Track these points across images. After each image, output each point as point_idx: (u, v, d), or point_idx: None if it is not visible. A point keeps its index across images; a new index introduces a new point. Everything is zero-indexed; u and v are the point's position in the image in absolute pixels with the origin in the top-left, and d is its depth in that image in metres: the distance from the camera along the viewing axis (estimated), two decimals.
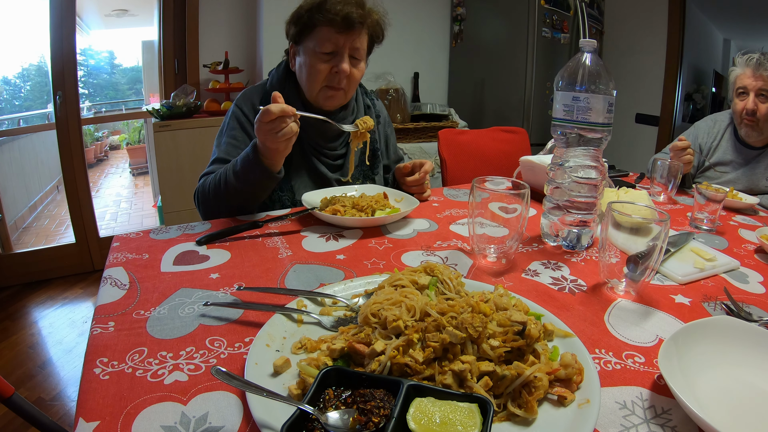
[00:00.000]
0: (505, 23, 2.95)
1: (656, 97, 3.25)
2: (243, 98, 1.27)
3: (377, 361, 0.52)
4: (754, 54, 1.52)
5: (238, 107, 1.25)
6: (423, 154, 2.79)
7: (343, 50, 1.16)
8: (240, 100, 1.26)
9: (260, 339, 0.58)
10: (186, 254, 0.90)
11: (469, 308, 0.57)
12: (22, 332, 2.24)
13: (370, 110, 1.39)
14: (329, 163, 1.30)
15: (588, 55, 0.88)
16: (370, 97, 1.44)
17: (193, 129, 2.63)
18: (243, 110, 1.24)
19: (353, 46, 1.17)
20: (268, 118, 0.95)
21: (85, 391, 0.52)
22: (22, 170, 3.64)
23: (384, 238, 1.00)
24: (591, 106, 0.87)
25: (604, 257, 0.77)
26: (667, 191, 1.39)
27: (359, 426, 0.44)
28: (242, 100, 1.26)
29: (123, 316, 0.68)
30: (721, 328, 0.62)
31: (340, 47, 1.15)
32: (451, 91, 3.55)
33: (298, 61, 1.22)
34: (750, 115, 1.53)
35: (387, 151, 1.47)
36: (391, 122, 1.50)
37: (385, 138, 1.46)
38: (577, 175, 0.92)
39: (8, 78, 3.62)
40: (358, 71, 1.21)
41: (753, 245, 1.06)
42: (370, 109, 1.40)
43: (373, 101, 1.44)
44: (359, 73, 1.22)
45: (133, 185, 5.17)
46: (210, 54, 2.93)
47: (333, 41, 1.14)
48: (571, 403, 0.50)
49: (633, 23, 3.32)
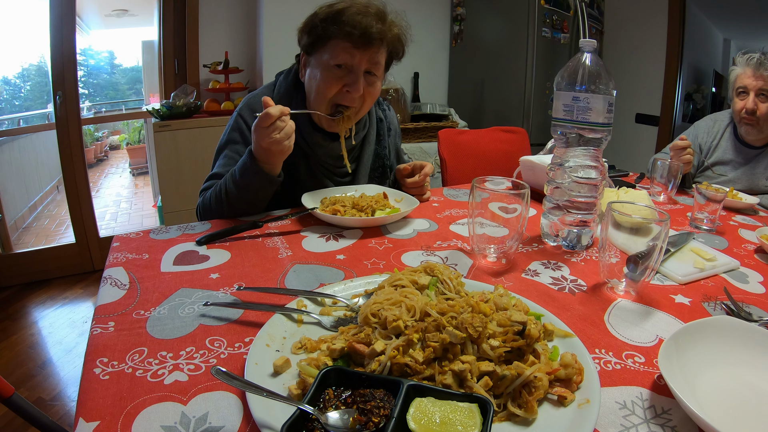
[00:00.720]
0: (505, 23, 2.95)
1: (656, 97, 3.25)
2: (246, 108, 1.18)
3: (377, 361, 0.52)
4: (754, 54, 1.52)
5: (242, 117, 1.17)
6: (423, 154, 2.79)
7: (359, 68, 1.06)
8: (244, 110, 1.18)
9: (260, 339, 0.58)
10: (186, 254, 0.90)
11: (469, 308, 0.57)
12: (22, 332, 2.24)
13: (382, 123, 1.31)
14: (338, 180, 1.26)
15: (588, 55, 0.88)
16: (383, 108, 1.35)
17: (193, 129, 2.63)
18: (247, 123, 1.16)
19: (371, 62, 1.07)
20: (269, 121, 0.94)
21: (85, 391, 0.52)
22: (22, 170, 3.64)
23: (384, 238, 1.00)
24: (591, 106, 0.87)
25: (604, 257, 0.77)
26: (667, 191, 1.39)
27: (359, 426, 0.44)
28: (246, 111, 1.17)
29: (123, 316, 0.68)
30: (721, 328, 0.62)
31: (356, 64, 1.06)
32: (451, 91, 3.55)
33: (308, 72, 1.13)
34: (750, 115, 1.53)
35: (397, 161, 1.43)
36: (400, 132, 1.45)
37: (396, 149, 1.41)
38: (577, 175, 0.92)
39: (8, 78, 3.62)
40: (374, 90, 1.11)
41: (753, 245, 1.06)
42: (382, 122, 1.31)
43: (386, 112, 1.35)
44: (375, 92, 1.12)
45: (133, 185, 5.17)
46: (210, 54, 2.93)
47: (348, 56, 1.04)
48: (571, 403, 0.50)
49: (633, 23, 3.32)
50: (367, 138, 1.27)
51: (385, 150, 1.31)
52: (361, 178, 1.28)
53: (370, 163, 1.29)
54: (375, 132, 1.29)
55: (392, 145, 1.38)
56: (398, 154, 1.45)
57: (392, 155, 1.38)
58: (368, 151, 1.27)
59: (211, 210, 1.11)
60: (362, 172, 1.28)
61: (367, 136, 1.27)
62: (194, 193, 1.22)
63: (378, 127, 1.30)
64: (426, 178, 1.27)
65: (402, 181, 1.30)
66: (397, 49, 1.14)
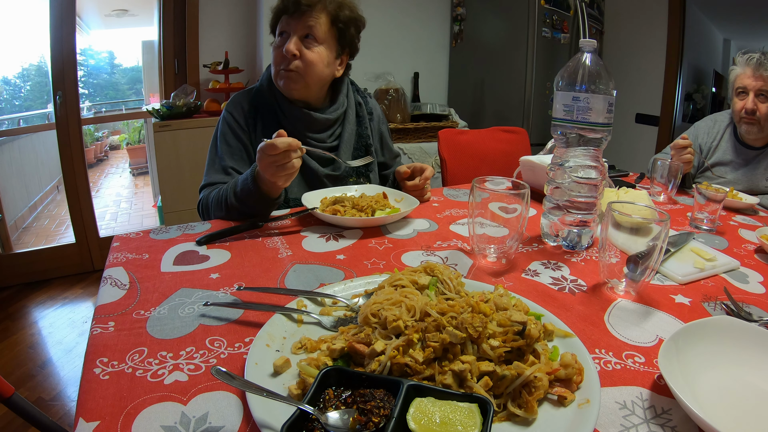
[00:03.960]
0: (505, 23, 2.95)
1: (656, 97, 3.25)
2: (232, 104, 1.26)
3: (377, 361, 0.52)
4: (754, 54, 1.52)
5: (229, 113, 1.25)
6: (423, 154, 2.79)
7: (294, 32, 1.16)
8: (230, 105, 1.26)
9: (260, 339, 0.58)
10: (186, 254, 0.90)
11: (469, 308, 0.57)
12: (22, 332, 2.24)
13: (361, 107, 1.37)
14: (319, 156, 1.27)
15: (588, 55, 0.88)
16: (362, 95, 1.41)
17: (193, 129, 2.63)
18: (233, 115, 1.24)
19: (305, 26, 1.16)
20: (274, 151, 0.94)
21: (85, 391, 0.52)
22: (22, 170, 3.64)
23: (384, 238, 1.00)
24: (591, 106, 0.87)
25: (604, 257, 0.77)
26: (667, 191, 1.39)
27: (359, 426, 0.44)
28: (232, 106, 1.26)
29: (123, 316, 0.68)
30: (721, 328, 0.62)
31: (291, 29, 1.16)
32: (451, 91, 3.55)
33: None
34: (750, 115, 1.53)
35: (382, 149, 1.46)
36: (385, 120, 1.49)
37: (380, 135, 1.45)
38: (577, 175, 0.92)
39: (8, 78, 3.62)
40: (313, 53, 1.17)
41: (753, 245, 1.06)
42: (361, 106, 1.37)
43: (366, 99, 1.42)
44: (314, 56, 1.17)
45: (133, 185, 5.17)
46: (210, 54, 2.93)
47: (285, 24, 1.17)
48: (571, 403, 0.50)
49: (633, 23, 3.32)
50: (346, 117, 1.32)
51: (366, 131, 1.35)
52: (343, 154, 1.30)
53: (353, 142, 1.33)
54: (354, 113, 1.34)
55: (376, 130, 1.42)
56: (383, 139, 1.47)
57: (376, 139, 1.43)
58: (348, 129, 1.31)
59: (209, 211, 1.15)
60: (344, 149, 1.30)
61: (347, 116, 1.32)
62: (194, 193, 1.23)
63: (357, 110, 1.36)
64: (426, 182, 1.28)
65: (402, 183, 1.32)
66: (340, 15, 1.19)
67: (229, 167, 1.21)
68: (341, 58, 1.26)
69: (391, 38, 3.22)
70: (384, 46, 3.19)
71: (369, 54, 3.12)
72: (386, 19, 3.16)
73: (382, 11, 3.13)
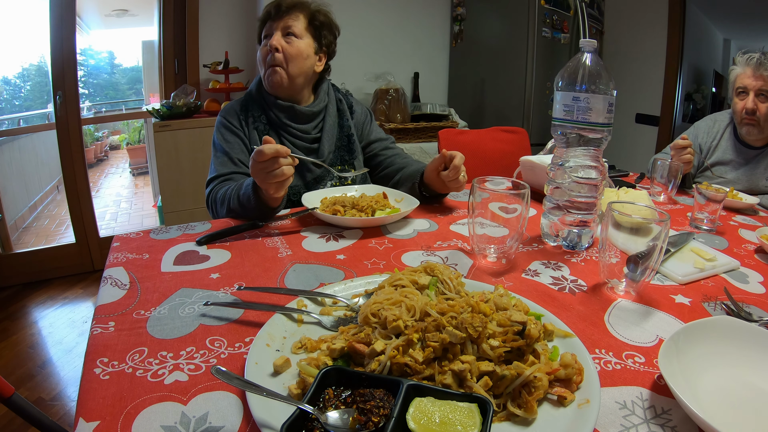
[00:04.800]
0: (505, 23, 2.95)
1: (656, 97, 3.25)
2: (224, 110, 1.36)
3: (377, 360, 0.52)
4: (754, 54, 1.52)
5: (222, 117, 1.34)
6: (423, 154, 2.79)
7: (276, 31, 1.28)
8: (222, 111, 1.36)
9: (260, 339, 0.58)
10: (186, 254, 0.90)
11: (469, 308, 0.57)
12: (22, 332, 2.24)
13: (342, 103, 1.46)
14: (303, 146, 1.35)
15: (588, 55, 0.88)
16: (342, 94, 1.50)
17: (193, 129, 2.63)
18: (227, 118, 1.33)
19: (285, 25, 1.28)
20: (262, 158, 0.94)
21: (85, 391, 0.52)
22: (22, 170, 3.64)
23: (384, 238, 1.00)
24: (591, 106, 0.87)
25: (604, 257, 0.77)
26: (667, 191, 1.39)
27: (359, 426, 0.44)
28: (224, 112, 1.35)
29: (123, 316, 0.68)
30: (721, 328, 0.62)
31: (273, 29, 1.28)
32: (451, 91, 3.55)
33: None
34: (750, 115, 1.53)
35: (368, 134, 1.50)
36: (368, 110, 1.54)
37: (362, 127, 1.50)
38: (577, 175, 0.92)
39: (8, 78, 3.61)
40: (293, 47, 1.28)
41: (753, 245, 1.06)
42: (342, 102, 1.46)
43: (346, 96, 1.50)
44: (294, 49, 1.28)
45: (133, 185, 5.17)
46: (210, 54, 2.93)
47: (269, 27, 1.29)
48: (571, 403, 0.50)
49: (633, 23, 3.32)
50: (327, 111, 1.41)
51: (348, 122, 1.44)
52: (326, 143, 1.36)
53: (335, 132, 1.40)
54: (335, 108, 1.44)
55: (359, 124, 1.49)
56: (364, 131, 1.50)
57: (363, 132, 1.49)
58: (329, 122, 1.39)
59: (216, 208, 1.19)
60: (326, 139, 1.37)
61: (328, 110, 1.41)
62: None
63: (338, 105, 1.46)
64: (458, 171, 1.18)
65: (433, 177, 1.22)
66: (316, 16, 1.33)
67: (235, 158, 1.28)
68: (319, 55, 1.36)
69: (391, 38, 3.22)
70: (384, 46, 3.19)
71: (369, 54, 3.13)
72: (386, 19, 3.16)
73: (382, 11, 3.13)
